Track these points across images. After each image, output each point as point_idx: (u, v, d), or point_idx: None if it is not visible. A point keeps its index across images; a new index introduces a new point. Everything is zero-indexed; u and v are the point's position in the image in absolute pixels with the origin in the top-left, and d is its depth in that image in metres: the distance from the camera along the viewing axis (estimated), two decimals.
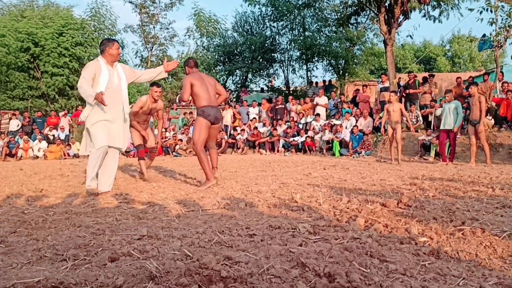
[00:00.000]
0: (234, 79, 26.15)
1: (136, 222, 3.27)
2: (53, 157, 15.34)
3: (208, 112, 5.50)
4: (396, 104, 9.89)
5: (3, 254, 2.43)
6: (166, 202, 4.23)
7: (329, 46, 22.29)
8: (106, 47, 4.94)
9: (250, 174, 7.19)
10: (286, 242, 2.52)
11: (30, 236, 2.85)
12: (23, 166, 11.27)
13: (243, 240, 2.59)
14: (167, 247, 2.43)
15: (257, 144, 16.15)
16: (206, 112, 5.50)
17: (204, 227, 2.97)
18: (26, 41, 21.73)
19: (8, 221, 3.34)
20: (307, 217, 3.31)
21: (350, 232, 2.71)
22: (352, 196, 4.24)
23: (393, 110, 9.74)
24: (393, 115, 9.76)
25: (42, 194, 5.11)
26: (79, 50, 22.54)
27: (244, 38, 24.16)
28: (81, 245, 2.55)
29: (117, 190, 5.28)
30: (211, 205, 3.98)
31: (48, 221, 3.35)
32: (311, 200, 4.12)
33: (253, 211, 3.69)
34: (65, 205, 4.18)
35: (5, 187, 5.86)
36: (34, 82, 22.59)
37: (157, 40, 25.73)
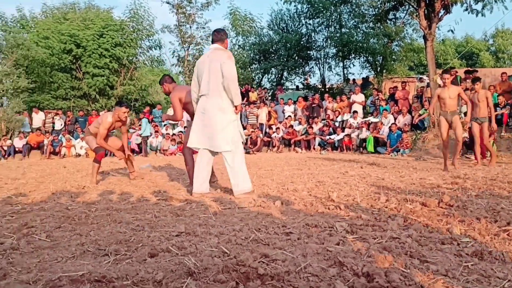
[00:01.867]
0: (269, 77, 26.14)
1: (174, 219, 3.32)
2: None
3: None
4: (452, 89, 7.42)
5: (49, 248, 2.52)
6: (203, 200, 4.28)
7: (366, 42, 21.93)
8: (225, 38, 4.72)
9: (285, 173, 7.17)
10: (323, 241, 2.50)
11: (74, 231, 2.94)
12: (66, 164, 11.65)
13: (279, 238, 2.59)
14: (205, 244, 2.46)
15: (292, 143, 16.08)
16: None
17: (240, 225, 2.99)
18: (69, 42, 22.43)
19: (53, 217, 3.46)
20: (344, 216, 3.28)
21: (388, 231, 2.67)
22: (390, 195, 4.17)
23: (449, 97, 7.34)
24: (449, 104, 7.41)
25: (84, 191, 5.27)
26: (118, 50, 23.09)
27: (280, 36, 24.09)
28: (122, 240, 2.61)
29: (155, 188, 5.38)
30: (247, 203, 4.00)
31: (91, 217, 3.45)
32: (348, 199, 4.07)
33: (289, 209, 3.68)
34: (106, 201, 4.30)
35: (50, 184, 6.07)
36: (76, 83, 23.28)
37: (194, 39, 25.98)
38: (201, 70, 4.58)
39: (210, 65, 4.47)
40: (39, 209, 3.89)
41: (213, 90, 4.46)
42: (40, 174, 8.21)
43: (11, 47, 19.72)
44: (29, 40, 21.24)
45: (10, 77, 19.42)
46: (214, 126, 4.45)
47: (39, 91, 22.83)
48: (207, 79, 4.48)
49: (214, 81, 4.44)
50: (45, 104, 22.37)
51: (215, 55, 4.50)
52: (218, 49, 4.60)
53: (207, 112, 4.49)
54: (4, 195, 4.92)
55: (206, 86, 4.50)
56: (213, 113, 4.45)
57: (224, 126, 4.46)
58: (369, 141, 13.87)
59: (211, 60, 4.49)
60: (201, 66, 4.59)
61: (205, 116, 4.51)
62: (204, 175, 4.62)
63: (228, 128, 4.49)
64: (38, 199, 4.57)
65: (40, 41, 22.05)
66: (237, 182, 4.47)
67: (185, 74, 25.51)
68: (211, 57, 4.52)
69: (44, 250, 2.47)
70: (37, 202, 4.35)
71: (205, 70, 4.51)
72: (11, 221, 3.37)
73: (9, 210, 3.86)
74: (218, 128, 4.44)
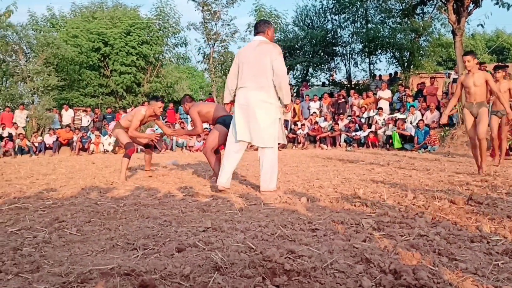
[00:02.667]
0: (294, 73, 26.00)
1: (200, 215, 3.36)
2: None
3: (229, 121, 5.20)
4: (478, 74, 6.00)
5: (80, 242, 2.59)
6: (229, 196, 4.30)
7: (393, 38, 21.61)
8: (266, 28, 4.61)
9: (311, 169, 7.15)
10: (350, 238, 2.49)
11: (103, 226, 3.01)
12: (95, 160, 11.88)
13: (305, 235, 2.59)
14: (231, 239, 2.48)
15: (318, 139, 16.00)
16: (228, 121, 5.31)
17: (266, 221, 3.00)
18: (97, 41, 22.82)
19: (83, 212, 3.54)
20: (371, 213, 3.25)
21: (416, 229, 2.64)
22: (418, 192, 4.12)
23: (473, 84, 5.99)
24: (474, 93, 6.03)
25: (113, 186, 5.37)
26: (145, 48, 23.36)
27: (305, 32, 23.96)
28: (150, 235, 2.66)
29: (181, 184, 5.44)
30: (273, 199, 4.01)
31: (119, 212, 3.52)
32: (374, 196, 4.04)
33: (315, 205, 3.67)
34: (134, 197, 4.37)
35: (80, 179, 6.21)
36: (104, 80, 23.67)
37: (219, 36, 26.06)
38: (244, 61, 4.48)
39: (258, 58, 4.39)
40: (69, 204, 3.99)
41: (259, 84, 4.38)
42: (69, 170, 8.40)
43: (41, 45, 20.16)
44: (58, 38, 21.69)
45: (41, 75, 19.89)
46: (259, 120, 4.36)
47: (68, 89, 23.30)
48: (253, 72, 4.40)
49: (262, 76, 4.38)
50: (74, 102, 22.82)
51: (264, 49, 4.42)
52: (265, 42, 4.52)
53: (251, 105, 4.39)
54: (36, 190, 5.06)
55: (250, 79, 4.42)
56: (259, 108, 4.37)
57: (270, 122, 4.41)
58: (394, 137, 13.68)
59: (259, 53, 4.40)
60: (244, 57, 4.49)
61: (249, 110, 4.41)
62: (230, 169, 4.60)
63: (274, 125, 4.46)
64: (68, 194, 4.67)
65: (69, 39, 22.51)
66: (267, 178, 4.44)
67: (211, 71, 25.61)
68: (258, 50, 4.42)
69: (75, 244, 2.54)
70: (68, 197, 4.45)
71: (250, 62, 4.42)
72: (43, 215, 3.47)
73: (41, 205, 3.96)
74: (264, 123, 4.37)
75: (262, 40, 4.55)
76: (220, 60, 26.04)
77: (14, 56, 20.33)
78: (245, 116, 4.45)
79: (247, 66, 4.44)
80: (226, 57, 26.09)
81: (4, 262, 2.16)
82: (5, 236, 2.72)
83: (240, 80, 4.53)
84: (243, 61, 4.50)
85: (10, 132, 16.96)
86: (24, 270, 2.02)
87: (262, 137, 4.39)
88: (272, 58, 4.35)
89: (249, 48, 4.56)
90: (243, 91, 4.48)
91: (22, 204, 3.94)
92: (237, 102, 4.56)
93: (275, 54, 4.37)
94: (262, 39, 4.56)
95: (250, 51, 4.49)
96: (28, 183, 5.99)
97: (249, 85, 4.43)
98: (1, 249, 2.40)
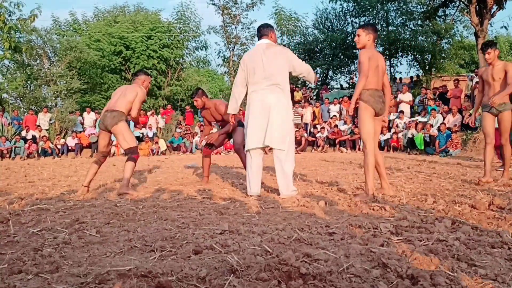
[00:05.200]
0: None
1: (218, 217, 3.37)
2: (142, 154, 16.11)
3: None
4: (498, 65, 5.17)
5: (99, 243, 2.62)
6: (247, 199, 4.31)
7: (414, 40, 21.41)
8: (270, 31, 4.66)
9: (330, 173, 7.12)
10: (367, 242, 2.47)
11: (122, 228, 3.04)
12: (115, 162, 12.03)
13: (322, 238, 2.58)
14: (248, 242, 2.48)
15: (337, 142, 15.92)
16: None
17: (283, 224, 3.00)
18: (119, 45, 23.20)
19: (103, 213, 3.59)
20: (389, 217, 3.22)
21: (435, 234, 2.60)
22: (438, 197, 4.06)
23: (492, 78, 5.20)
24: (496, 88, 5.21)
25: (132, 188, 5.43)
26: (166, 52, 23.63)
27: (325, 35, 23.93)
28: (168, 237, 2.68)
29: (200, 186, 5.47)
30: (290, 202, 4.00)
31: (138, 214, 3.56)
32: (393, 200, 4.00)
33: (333, 209, 3.66)
34: (153, 199, 4.41)
35: (100, 181, 6.30)
36: (126, 83, 23.98)
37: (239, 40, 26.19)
38: (254, 65, 4.46)
39: (271, 60, 4.41)
40: (89, 205, 4.05)
41: (274, 86, 4.40)
42: None
43: (64, 49, 20.57)
44: (81, 43, 22.11)
45: (64, 78, 20.28)
46: (274, 121, 4.36)
47: (90, 92, 23.71)
48: (266, 75, 4.40)
49: (277, 77, 4.40)
50: (96, 105, 23.18)
51: (276, 51, 4.46)
52: (273, 45, 4.56)
53: (267, 107, 4.39)
54: (58, 192, 5.15)
55: (263, 82, 4.42)
56: (277, 109, 4.38)
57: (285, 124, 4.43)
58: (417, 139, 13.50)
59: (271, 55, 4.42)
60: (253, 61, 4.48)
61: (265, 112, 4.40)
62: (257, 178, 4.57)
63: (288, 126, 4.47)
64: (89, 196, 4.75)
65: (92, 43, 22.93)
66: (285, 184, 4.43)
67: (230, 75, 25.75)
68: (269, 52, 4.44)
69: (94, 245, 2.57)
70: (88, 199, 4.52)
71: (262, 65, 4.42)
72: (63, 216, 3.53)
73: (62, 206, 4.03)
74: (279, 124, 4.38)
75: (268, 42, 4.57)
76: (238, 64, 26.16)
77: (39, 60, 20.79)
78: (261, 119, 4.43)
79: (259, 70, 4.44)
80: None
81: (25, 262, 2.20)
82: (27, 237, 2.78)
83: (252, 84, 4.52)
84: (253, 66, 4.49)
85: (33, 135, 17.28)
86: (44, 270, 2.06)
87: (276, 138, 4.39)
88: (290, 59, 4.44)
89: (256, 52, 4.55)
90: (257, 94, 4.48)
91: (44, 205, 4.01)
92: (252, 106, 4.53)
93: (290, 55, 4.49)
94: (268, 41, 4.58)
95: (258, 54, 4.49)
96: (50, 184, 6.11)
97: (263, 87, 4.43)
98: (22, 250, 2.45)
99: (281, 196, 4.41)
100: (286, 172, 4.43)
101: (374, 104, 4.20)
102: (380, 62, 4.25)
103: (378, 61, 4.22)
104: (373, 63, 4.17)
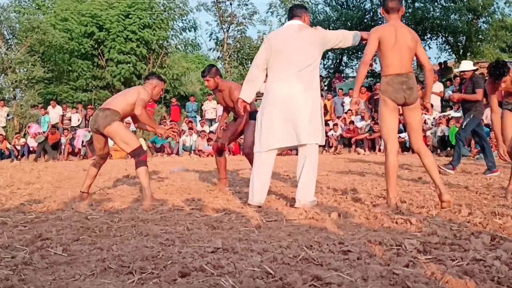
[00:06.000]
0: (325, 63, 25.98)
1: (209, 233, 3.37)
2: (119, 156, 16.04)
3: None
4: None
5: (66, 263, 2.62)
6: (244, 210, 4.31)
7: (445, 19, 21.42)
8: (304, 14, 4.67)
9: (345, 178, 7.12)
10: (389, 262, 2.47)
11: (94, 245, 3.04)
12: (86, 166, 12.02)
13: (335, 258, 2.58)
14: (245, 263, 2.48)
15: (353, 142, 15.92)
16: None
17: (288, 241, 3.00)
18: (90, 25, 23.12)
19: (71, 228, 3.59)
20: (416, 231, 3.22)
21: (471, 252, 2.60)
22: (474, 207, 4.07)
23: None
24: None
25: (107, 197, 5.43)
26: (147, 33, 23.53)
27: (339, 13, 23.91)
28: (149, 256, 2.67)
29: (188, 195, 5.47)
30: (297, 214, 4.00)
31: (113, 229, 3.55)
32: (421, 211, 4.00)
33: (348, 222, 3.66)
34: (131, 210, 4.41)
35: (68, 189, 6.30)
36: (98, 71, 23.95)
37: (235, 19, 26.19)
38: (281, 48, 4.42)
39: (303, 45, 4.40)
40: (55, 218, 4.04)
41: (304, 75, 4.37)
42: (56, 177, 8.53)
43: (25, 30, 20.53)
44: (45, 22, 22.02)
45: (24, 65, 20.25)
46: (304, 114, 4.34)
47: (56, 82, 23.66)
48: (295, 61, 4.37)
49: (309, 63, 4.40)
50: (63, 97, 23.11)
51: (309, 34, 4.46)
52: (306, 27, 4.55)
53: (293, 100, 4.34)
54: (17, 202, 5.15)
55: (290, 69, 4.37)
56: (305, 101, 4.35)
57: (317, 117, 4.46)
58: (451, 134, 13.45)
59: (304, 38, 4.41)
60: (281, 43, 4.45)
61: (290, 105, 4.35)
62: (264, 183, 4.52)
63: (319, 122, 4.50)
64: (54, 207, 4.74)
65: (58, 23, 22.85)
66: (304, 190, 4.40)
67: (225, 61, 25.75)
68: (301, 35, 4.43)
69: (60, 266, 2.57)
70: (53, 211, 4.51)
71: (291, 50, 4.40)
72: (23, 231, 3.52)
73: (21, 219, 4.02)
74: (310, 117, 4.37)
75: (300, 24, 4.55)
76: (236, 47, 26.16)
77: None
78: (284, 114, 4.37)
79: (286, 54, 4.40)
80: (243, 43, 26.17)
81: None
82: None
83: (276, 74, 4.46)
84: (279, 47, 4.43)
85: None
86: None
87: (303, 133, 4.35)
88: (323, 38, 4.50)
89: (286, 32, 4.54)
90: (281, 83, 4.41)
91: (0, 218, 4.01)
92: (272, 96, 4.46)
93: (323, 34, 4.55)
94: (301, 23, 4.57)
95: (288, 36, 4.47)
96: (8, 193, 6.10)
97: (290, 74, 4.38)
98: None
99: (296, 205, 4.38)
100: (309, 176, 4.42)
101: (393, 93, 4.15)
102: (401, 36, 4.12)
103: (396, 37, 4.11)
104: (388, 41, 4.10)
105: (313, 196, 4.46)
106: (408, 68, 4.18)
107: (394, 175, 4.20)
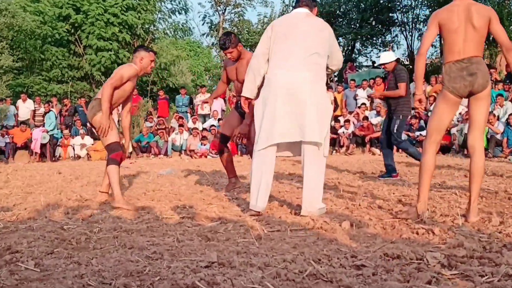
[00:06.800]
0: None
1: (203, 245, 3.37)
2: (99, 157, 16.01)
3: None
4: None
5: (38, 280, 2.62)
6: (242, 218, 4.31)
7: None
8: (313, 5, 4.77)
9: (357, 182, 7.12)
10: (409, 278, 2.48)
11: (71, 259, 3.03)
12: (61, 168, 12.02)
13: (347, 273, 2.58)
14: (244, 279, 2.48)
15: (367, 141, 15.90)
16: None
17: (293, 254, 3.00)
18: (66, 6, 23.03)
19: (44, 239, 3.58)
20: (439, 243, 3.22)
21: (503, 266, 2.60)
22: (506, 216, 4.07)
23: None
24: None
25: (85, 204, 5.42)
26: (131, 16, 23.44)
27: None
28: (133, 272, 2.67)
29: (178, 202, 5.47)
30: (303, 223, 4.01)
31: (93, 240, 3.55)
32: (445, 220, 4.00)
33: (362, 233, 3.66)
34: (114, 219, 4.41)
35: (40, 195, 6.28)
36: (76, 60, 23.86)
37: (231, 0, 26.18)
38: (287, 34, 4.47)
39: (311, 32, 4.45)
40: (26, 228, 4.03)
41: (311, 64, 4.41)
42: (28, 182, 8.51)
43: None
44: (14, 4, 21.96)
45: None
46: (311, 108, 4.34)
47: (27, 72, 23.57)
48: (303, 49, 4.40)
49: (316, 53, 4.43)
50: (35, 89, 23.01)
51: (317, 23, 4.55)
52: (313, 16, 4.63)
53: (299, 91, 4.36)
54: None
55: (296, 57, 4.41)
56: (311, 91, 4.36)
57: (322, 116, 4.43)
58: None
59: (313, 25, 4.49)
60: (287, 29, 4.49)
61: (295, 97, 4.36)
62: (264, 187, 4.51)
63: (327, 119, 4.52)
64: (25, 215, 4.73)
65: (28, 5, 22.79)
66: (311, 196, 4.41)
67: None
68: (309, 22, 4.50)
69: (32, 283, 2.56)
70: (24, 220, 4.51)
71: (298, 36, 4.43)
72: None
73: None
74: (314, 114, 4.35)
75: (308, 12, 4.61)
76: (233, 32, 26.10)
77: None
78: (288, 107, 4.38)
79: (293, 41, 4.43)
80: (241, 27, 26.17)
81: None
82: None
83: (279, 60, 4.47)
84: (284, 31, 4.47)
85: None
86: None
87: (314, 128, 4.34)
88: (331, 38, 4.57)
89: (292, 19, 4.59)
90: (285, 74, 4.41)
91: None
92: (274, 85, 4.45)
93: (332, 36, 4.62)
94: (308, 11, 4.62)
95: (294, 22, 4.52)
96: None
97: (296, 62, 4.40)
98: None
99: (302, 213, 4.39)
100: (316, 180, 4.43)
101: (450, 83, 4.05)
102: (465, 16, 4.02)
103: (459, 18, 4.04)
104: (449, 24, 4.05)
105: (321, 203, 4.48)
106: (471, 52, 4.04)
107: (428, 177, 4.17)
